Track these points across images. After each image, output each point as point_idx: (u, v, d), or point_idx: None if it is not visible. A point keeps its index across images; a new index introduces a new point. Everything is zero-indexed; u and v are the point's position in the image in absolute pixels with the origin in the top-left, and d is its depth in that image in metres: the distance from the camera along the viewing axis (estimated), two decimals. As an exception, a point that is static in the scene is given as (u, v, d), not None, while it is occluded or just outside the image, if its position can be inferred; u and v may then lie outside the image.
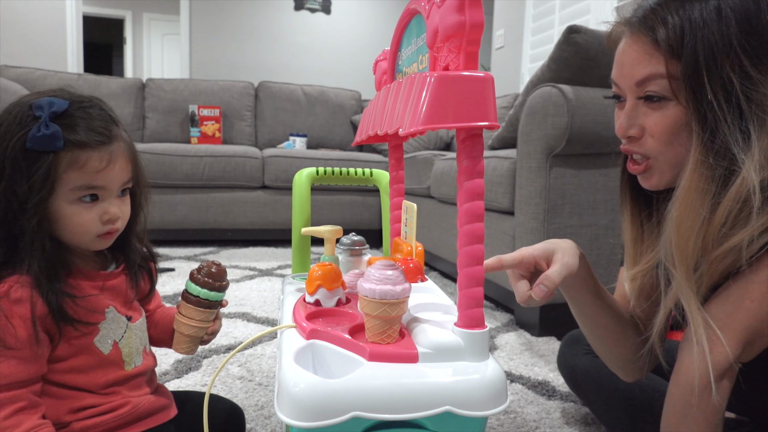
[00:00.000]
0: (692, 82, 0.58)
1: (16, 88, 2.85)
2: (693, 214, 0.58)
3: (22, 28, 4.00)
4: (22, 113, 0.62)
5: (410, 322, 0.61)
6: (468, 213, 0.52)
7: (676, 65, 0.59)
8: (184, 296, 0.75)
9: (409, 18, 0.66)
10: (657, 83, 0.61)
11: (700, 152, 0.58)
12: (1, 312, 0.59)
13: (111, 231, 0.67)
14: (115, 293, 0.71)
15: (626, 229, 0.75)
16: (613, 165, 1.60)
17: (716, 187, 0.58)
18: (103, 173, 0.64)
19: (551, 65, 1.51)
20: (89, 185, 0.63)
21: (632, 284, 0.74)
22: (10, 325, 0.59)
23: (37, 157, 0.60)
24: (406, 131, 0.51)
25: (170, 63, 6.66)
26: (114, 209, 0.66)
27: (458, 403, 0.51)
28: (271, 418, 1.01)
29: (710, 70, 0.57)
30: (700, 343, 0.58)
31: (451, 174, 2.05)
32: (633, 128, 0.65)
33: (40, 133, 0.60)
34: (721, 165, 0.57)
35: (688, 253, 0.59)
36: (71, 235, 0.65)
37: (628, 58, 0.64)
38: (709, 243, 0.58)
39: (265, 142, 3.55)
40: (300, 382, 0.49)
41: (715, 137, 0.57)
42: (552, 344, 1.48)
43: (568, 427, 1.03)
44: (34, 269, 0.60)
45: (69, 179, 0.62)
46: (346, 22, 5.03)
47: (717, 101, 0.57)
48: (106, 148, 0.64)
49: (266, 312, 1.70)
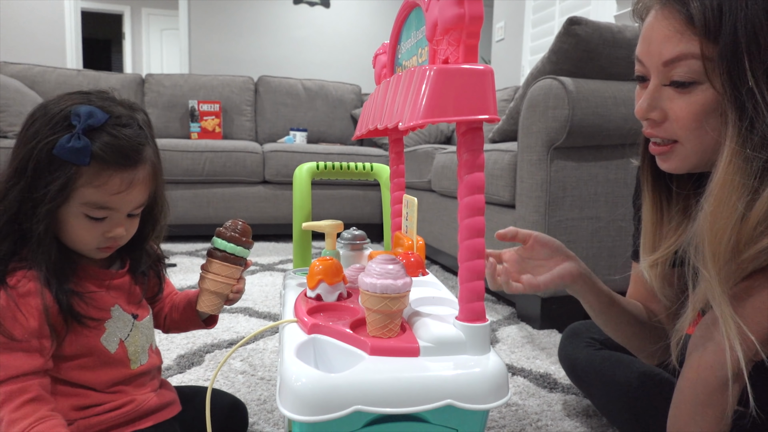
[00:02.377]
0: (731, 66, 0.52)
1: (16, 84, 2.84)
2: (728, 210, 0.53)
3: (20, 24, 3.99)
4: (59, 116, 0.60)
5: (411, 316, 0.61)
6: (468, 207, 0.52)
7: (712, 46, 0.53)
8: (210, 253, 0.76)
9: (408, 11, 0.65)
10: (687, 64, 0.56)
11: (737, 143, 0.53)
12: (12, 303, 0.59)
13: (111, 246, 0.67)
14: (119, 292, 0.71)
15: (646, 212, 0.71)
16: (614, 157, 1.59)
17: (753, 181, 0.53)
18: (119, 196, 0.63)
19: (552, 57, 1.50)
20: (102, 205, 0.62)
21: (652, 271, 0.70)
22: (21, 314, 0.59)
23: (60, 166, 0.59)
24: (406, 125, 0.51)
25: (169, 58, 6.64)
26: (119, 230, 0.65)
27: (460, 397, 0.51)
28: (273, 412, 1.02)
29: (752, 54, 0.51)
30: (729, 340, 0.53)
31: (451, 167, 2.05)
32: (655, 111, 0.61)
33: (69, 144, 0.58)
34: (760, 157, 0.52)
35: (720, 252, 0.54)
36: (72, 243, 0.65)
37: (657, 34, 0.58)
38: (741, 242, 0.53)
39: (265, 137, 3.55)
40: (302, 377, 0.50)
41: (754, 127, 0.52)
42: (553, 337, 1.48)
43: (570, 419, 1.03)
44: (43, 270, 0.61)
45: (84, 194, 0.61)
46: (346, 15, 5.01)
47: (759, 87, 0.51)
48: (130, 172, 0.63)
49: (268, 307, 1.70)
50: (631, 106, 0.67)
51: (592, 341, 0.99)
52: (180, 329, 0.84)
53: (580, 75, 1.47)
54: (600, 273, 1.55)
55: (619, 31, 1.46)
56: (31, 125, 0.62)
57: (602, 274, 1.56)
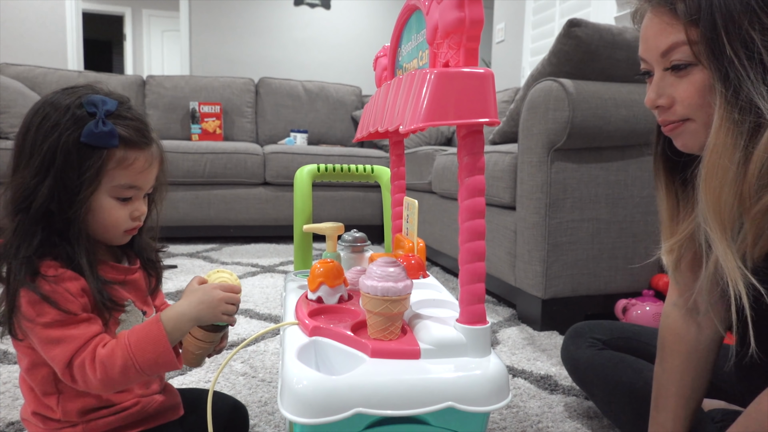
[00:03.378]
0: (711, 43, 0.59)
1: (17, 86, 2.85)
2: (721, 170, 0.59)
3: (22, 26, 3.99)
4: (74, 106, 0.63)
5: (412, 319, 0.61)
6: (469, 209, 0.53)
7: (696, 30, 0.60)
8: None
9: (409, 14, 0.65)
10: (680, 51, 0.62)
11: (725, 109, 0.59)
12: (58, 287, 0.60)
13: (135, 228, 0.70)
14: (133, 287, 0.72)
15: (661, 200, 0.75)
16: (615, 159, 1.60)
17: (744, 141, 0.58)
18: (144, 174, 0.67)
19: (552, 59, 1.50)
20: (131, 184, 0.66)
21: (670, 257, 0.74)
22: (69, 295, 0.61)
23: (91, 153, 0.62)
24: (406, 128, 0.51)
25: (170, 59, 6.65)
26: (144, 207, 0.70)
27: (460, 399, 0.51)
28: (274, 414, 1.02)
29: (728, 30, 0.58)
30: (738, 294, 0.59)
31: (452, 169, 2.05)
32: (662, 98, 0.66)
33: (98, 129, 0.61)
34: (748, 119, 0.58)
35: (720, 209, 0.60)
36: (103, 229, 0.67)
37: (651, 31, 0.66)
38: (746, 199, 0.58)
39: (266, 139, 3.55)
40: (303, 379, 0.50)
41: (739, 93, 0.58)
42: (554, 338, 1.49)
43: (571, 420, 1.03)
44: (83, 259, 0.63)
45: (115, 176, 0.64)
46: (346, 17, 5.01)
47: (738, 58, 0.58)
48: (149, 150, 0.67)
49: (269, 309, 1.70)
50: (632, 108, 0.70)
51: (595, 342, 0.99)
52: None
53: (580, 77, 1.48)
54: (601, 274, 1.55)
55: (619, 33, 1.46)
56: (43, 120, 0.63)
57: (603, 275, 1.56)
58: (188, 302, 0.67)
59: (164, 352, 0.62)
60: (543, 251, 1.50)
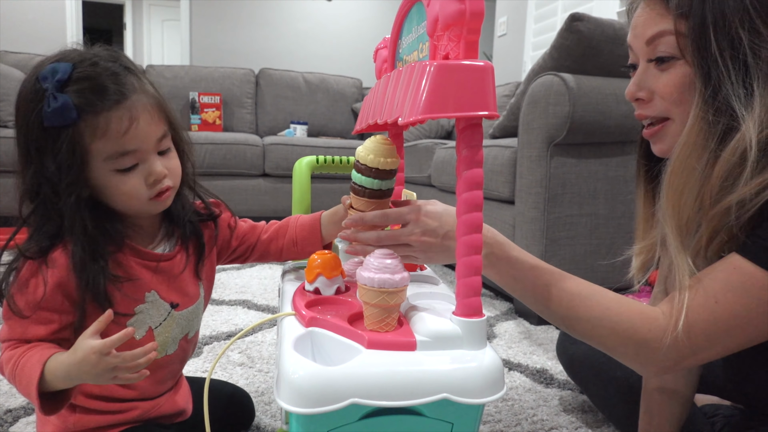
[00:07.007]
0: (698, 38, 0.58)
1: (16, 74, 2.84)
2: (687, 169, 0.59)
3: (21, 13, 3.97)
4: (32, 89, 0.58)
5: (409, 311, 0.61)
6: (467, 203, 0.53)
7: (684, 22, 0.59)
8: (353, 189, 0.71)
9: (409, 6, 0.65)
10: (665, 41, 0.62)
11: (701, 108, 0.58)
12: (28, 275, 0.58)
13: (162, 191, 0.63)
14: (164, 276, 0.67)
15: (638, 205, 0.75)
16: (614, 154, 1.59)
17: (714, 143, 0.58)
18: (129, 135, 0.58)
19: (553, 53, 1.50)
20: (122, 150, 0.59)
21: (637, 259, 0.74)
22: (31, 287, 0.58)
23: (57, 134, 0.56)
24: (405, 120, 0.51)
25: (170, 49, 6.62)
26: (158, 168, 0.61)
27: (455, 391, 0.51)
28: (271, 404, 1.02)
29: (717, 27, 0.57)
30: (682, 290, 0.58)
31: (451, 163, 2.04)
32: (642, 91, 0.66)
33: (50, 107, 0.55)
34: (721, 121, 0.57)
35: (679, 207, 0.60)
36: (122, 204, 0.62)
37: (640, 20, 0.65)
38: (707, 201, 0.58)
39: (265, 130, 3.54)
40: (299, 369, 0.50)
41: (717, 94, 0.57)
42: (550, 333, 1.49)
43: (566, 414, 1.04)
44: (78, 252, 0.58)
45: (97, 149, 0.58)
46: (347, 8, 4.99)
47: (722, 57, 0.57)
48: (122, 105, 0.58)
49: (266, 299, 1.71)
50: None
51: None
52: (298, 254, 0.80)
53: (581, 71, 1.47)
54: (599, 269, 1.56)
55: (621, 27, 1.45)
56: (17, 111, 0.60)
57: (601, 270, 1.56)
58: (73, 359, 0.55)
59: (29, 394, 0.55)
60: (541, 246, 1.50)
